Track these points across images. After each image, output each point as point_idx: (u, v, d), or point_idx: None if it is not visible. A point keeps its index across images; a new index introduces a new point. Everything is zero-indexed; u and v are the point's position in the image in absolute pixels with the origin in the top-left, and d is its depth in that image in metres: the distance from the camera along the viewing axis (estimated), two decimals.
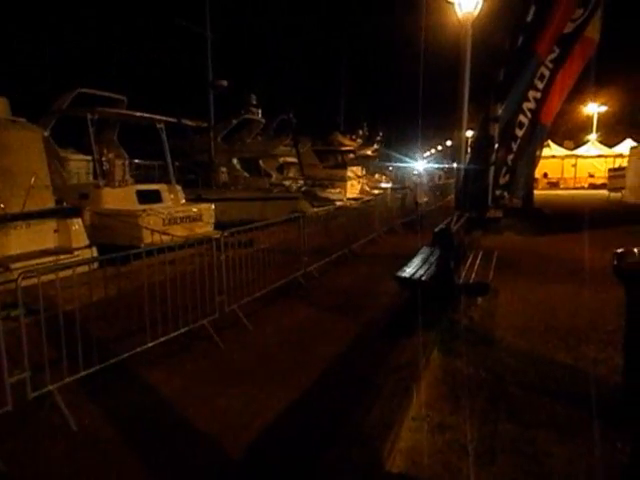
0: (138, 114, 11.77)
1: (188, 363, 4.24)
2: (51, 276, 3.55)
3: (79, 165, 14.03)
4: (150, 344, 4.11)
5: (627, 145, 26.13)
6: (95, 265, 4.39)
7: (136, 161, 14.82)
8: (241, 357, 4.40)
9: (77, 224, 8.21)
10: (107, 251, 4.24)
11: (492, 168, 5.52)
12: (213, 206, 11.84)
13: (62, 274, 3.62)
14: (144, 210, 10.06)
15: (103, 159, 11.41)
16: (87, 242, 8.22)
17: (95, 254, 7.90)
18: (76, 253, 7.67)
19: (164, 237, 8.39)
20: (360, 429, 2.92)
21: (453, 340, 4.49)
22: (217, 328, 4.82)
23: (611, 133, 33.12)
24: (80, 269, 3.86)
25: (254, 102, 20.93)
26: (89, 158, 12.39)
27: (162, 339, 4.23)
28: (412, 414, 3.19)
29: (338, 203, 16.43)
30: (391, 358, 4.05)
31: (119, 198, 10.62)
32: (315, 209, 11.87)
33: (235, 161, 20.18)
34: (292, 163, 21.63)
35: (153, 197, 11.25)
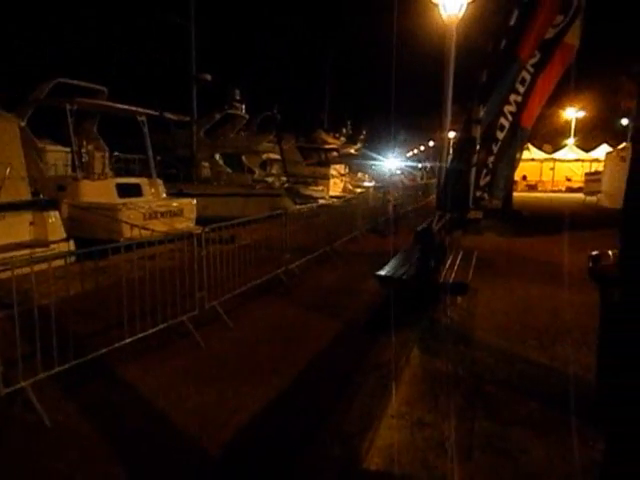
0: (119, 106, 11.56)
1: (167, 360, 4.19)
2: (26, 269, 3.46)
3: (57, 157, 13.70)
4: (128, 340, 4.05)
5: (603, 150, 26.82)
6: (72, 259, 4.30)
7: (116, 154, 14.55)
8: (221, 354, 4.37)
9: (54, 217, 8.03)
10: (85, 245, 4.15)
11: (473, 169, 5.59)
12: (194, 201, 11.71)
13: (37, 268, 3.54)
14: (124, 204, 9.89)
15: (82, 151, 11.17)
16: (64, 235, 8.04)
17: (72, 248, 7.74)
18: (52, 246, 7.50)
19: (144, 232, 8.27)
20: (339, 427, 2.93)
21: (433, 339, 4.55)
22: (197, 325, 4.77)
23: (588, 138, 33.91)
24: (56, 263, 3.78)
25: (238, 97, 20.76)
26: (67, 150, 12.10)
27: (140, 335, 4.17)
28: (391, 412, 3.22)
29: (321, 201, 16.41)
30: (371, 356, 4.08)
31: (98, 191, 10.41)
32: (298, 206, 11.85)
33: (217, 156, 19.99)
34: (275, 160, 21.54)
35: (133, 191, 11.07)
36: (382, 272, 5.55)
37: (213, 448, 2.93)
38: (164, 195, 11.98)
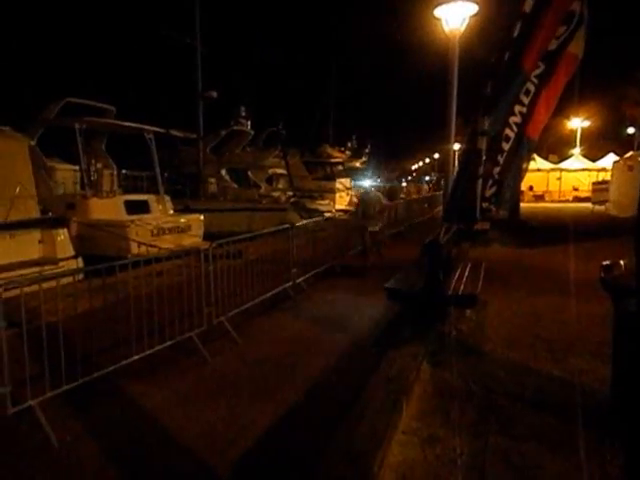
0: (126, 124, 11.70)
1: (174, 377, 4.16)
2: (34, 287, 3.47)
3: (66, 175, 13.89)
4: (135, 357, 4.03)
5: (610, 159, 26.67)
6: (80, 276, 4.31)
7: (124, 171, 14.71)
8: (229, 370, 4.34)
9: (62, 234, 8.09)
10: (94, 262, 4.16)
11: (480, 181, 5.57)
12: (202, 217, 11.77)
13: (46, 285, 3.55)
14: (132, 221, 9.95)
15: (91, 169, 11.30)
16: (73, 253, 8.09)
17: (81, 265, 7.78)
18: (61, 264, 7.54)
19: (152, 248, 8.30)
20: (350, 444, 2.88)
21: (442, 352, 4.49)
22: (204, 340, 4.75)
23: (594, 147, 33.79)
24: (64, 280, 3.79)
25: (243, 114, 20.97)
26: (76, 168, 12.26)
27: (148, 352, 4.15)
28: (402, 428, 3.16)
29: (327, 214, 16.43)
30: (381, 371, 4.03)
31: (107, 208, 10.50)
32: (304, 220, 11.86)
33: (224, 172, 20.14)
34: (281, 174, 21.66)
35: (141, 207, 11.15)
36: (390, 285, 5.51)
37: (222, 468, 2.88)
38: (171, 211, 12.06)
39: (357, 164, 31.59)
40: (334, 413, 3.41)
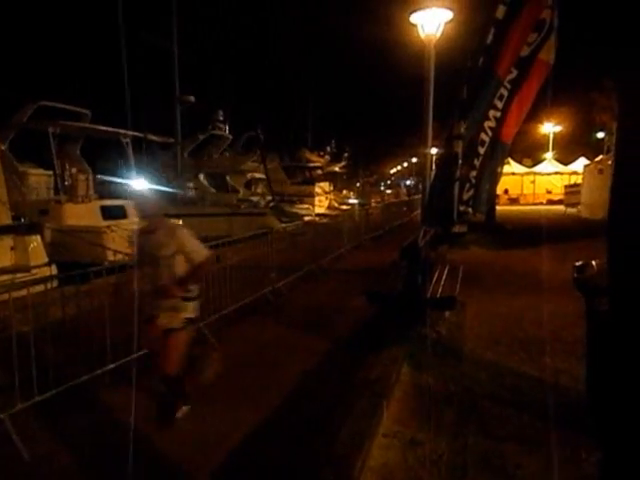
0: (103, 128, 11.54)
1: (151, 385, 4.07)
2: (5, 296, 3.37)
3: (39, 180, 13.55)
4: (111, 366, 3.94)
5: (581, 163, 27.41)
6: (54, 284, 4.20)
7: (99, 176, 14.44)
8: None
9: (35, 241, 7.89)
10: (69, 269, 4.06)
11: (457, 184, 5.65)
12: (180, 222, 11.63)
13: (16, 294, 3.44)
14: (108, 226, 9.78)
15: (65, 174, 11.07)
16: (46, 260, 7.90)
17: (54, 272, 7.59)
18: (34, 271, 7.35)
19: (128, 253, 8.15)
20: (330, 448, 2.86)
21: (422, 354, 4.52)
22: None
23: (566, 151, 34.68)
24: (37, 288, 3.68)
25: (221, 118, 20.87)
26: (50, 173, 11.99)
27: (123, 360, 4.06)
28: (383, 431, 3.16)
29: (306, 219, 16.45)
30: (361, 374, 4.03)
31: (82, 214, 10.31)
32: (283, 225, 11.84)
33: (202, 177, 19.98)
34: (260, 179, 21.59)
35: (118, 213, 10.97)
36: (370, 288, 5.54)
37: (202, 475, 2.84)
38: None
39: (336, 168, 31.76)
40: (315, 417, 3.39)
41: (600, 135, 32.31)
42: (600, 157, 22.70)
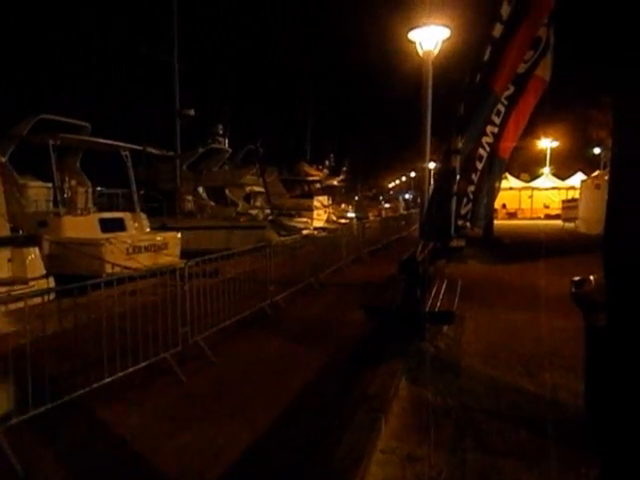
0: (102, 141, 11.60)
1: (148, 399, 4.04)
2: (2, 308, 3.36)
3: (39, 192, 13.55)
4: (107, 379, 3.91)
5: (578, 178, 27.62)
6: (51, 296, 4.19)
7: (99, 189, 14.49)
8: (205, 391, 4.24)
9: (33, 253, 7.88)
10: (67, 282, 4.05)
11: (454, 199, 5.68)
12: (179, 235, 11.64)
13: (14, 306, 3.43)
14: (107, 239, 9.77)
15: (65, 186, 11.10)
16: (44, 272, 7.87)
17: (52, 284, 7.56)
18: (31, 283, 7.33)
19: (126, 267, 8.14)
20: (328, 464, 2.83)
21: (421, 369, 4.50)
22: (180, 361, 4.65)
23: (563, 167, 34.96)
24: (34, 300, 3.67)
25: (221, 131, 21.04)
26: (49, 185, 12.01)
27: (120, 374, 4.03)
28: (381, 446, 3.13)
29: (305, 232, 16.48)
30: (359, 389, 4.00)
31: (81, 226, 10.30)
32: (282, 238, 11.85)
33: (201, 190, 20.06)
34: (259, 192, 21.66)
35: (117, 225, 10.98)
36: (368, 302, 5.53)
37: None
38: (148, 229, 11.90)
39: (335, 182, 31.91)
40: (313, 433, 3.36)
41: (597, 151, 32.60)
42: (597, 172, 22.87)
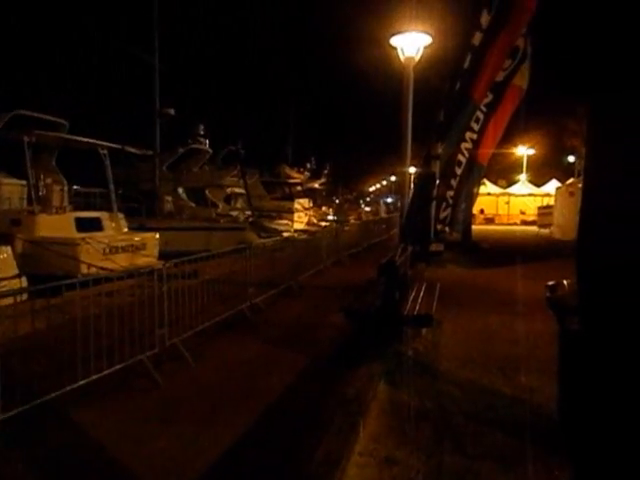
0: (80, 139, 11.36)
1: (124, 402, 3.97)
2: None
3: (12, 190, 13.19)
4: (82, 382, 3.82)
5: (553, 185, 28.30)
6: (24, 296, 4.08)
7: (76, 187, 14.17)
8: (182, 394, 4.19)
9: (5, 252, 7.67)
10: (41, 282, 3.95)
11: (434, 203, 5.77)
12: (157, 235, 11.48)
13: None
14: (83, 238, 9.57)
15: (39, 184, 10.84)
16: (16, 272, 7.66)
17: (25, 284, 7.37)
18: (3, 283, 7.12)
19: (102, 267, 7.99)
20: (306, 467, 2.83)
21: (399, 372, 4.53)
22: (157, 364, 4.58)
23: (539, 174, 35.76)
24: (6, 301, 3.57)
25: (202, 132, 20.84)
26: (24, 183, 11.71)
27: (95, 376, 3.95)
28: (359, 449, 3.14)
29: (285, 234, 16.43)
30: (338, 391, 4.01)
31: (55, 225, 10.06)
32: (262, 240, 11.80)
33: (181, 190, 19.81)
34: (239, 194, 21.52)
35: (93, 225, 10.76)
36: (347, 305, 5.54)
37: None
38: (125, 229, 11.70)
39: (316, 185, 31.94)
40: (291, 435, 3.35)
41: (571, 159, 33.47)
42: (571, 180, 23.47)
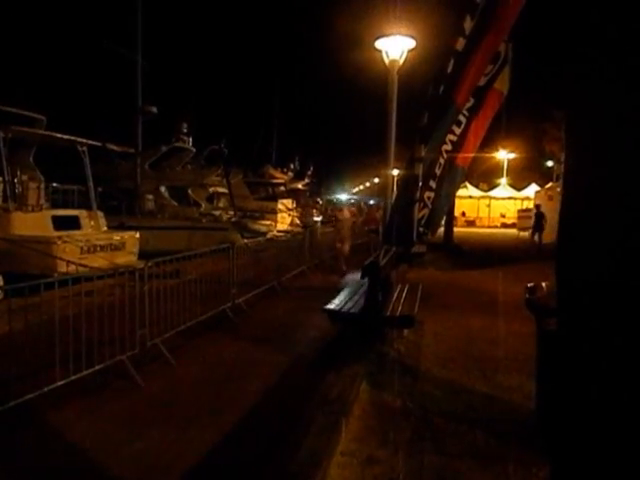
0: (58, 135, 11.11)
1: (104, 403, 3.91)
2: None
3: None
4: (60, 383, 3.75)
5: (533, 189, 28.86)
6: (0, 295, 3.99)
7: (54, 184, 13.88)
8: (162, 395, 4.14)
9: None
10: (16, 281, 3.86)
11: (417, 205, 5.82)
12: (137, 234, 11.31)
13: None
14: (60, 237, 9.37)
15: (15, 181, 10.58)
16: None
17: (0, 283, 7.19)
18: None
19: (81, 266, 7.84)
20: (288, 467, 2.83)
21: (381, 372, 4.56)
22: (137, 364, 4.52)
23: (519, 178, 36.44)
24: None
25: (185, 130, 20.62)
26: None
27: (74, 377, 3.88)
28: (341, 449, 3.16)
29: (268, 235, 16.37)
30: (320, 392, 4.02)
31: (31, 223, 9.83)
32: (245, 240, 11.74)
33: (163, 189, 19.55)
34: (222, 193, 21.36)
35: (71, 223, 10.54)
36: (330, 306, 5.55)
37: None
38: (105, 228, 11.49)
39: (299, 185, 31.91)
40: (273, 436, 3.35)
41: (550, 164, 34.16)
42: (550, 184, 23.95)
